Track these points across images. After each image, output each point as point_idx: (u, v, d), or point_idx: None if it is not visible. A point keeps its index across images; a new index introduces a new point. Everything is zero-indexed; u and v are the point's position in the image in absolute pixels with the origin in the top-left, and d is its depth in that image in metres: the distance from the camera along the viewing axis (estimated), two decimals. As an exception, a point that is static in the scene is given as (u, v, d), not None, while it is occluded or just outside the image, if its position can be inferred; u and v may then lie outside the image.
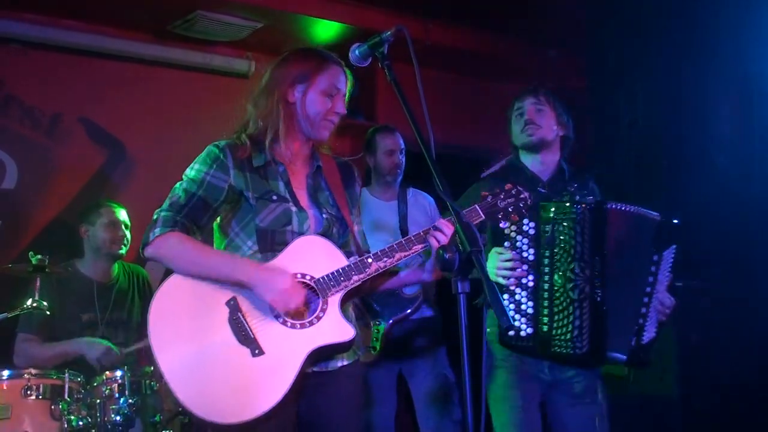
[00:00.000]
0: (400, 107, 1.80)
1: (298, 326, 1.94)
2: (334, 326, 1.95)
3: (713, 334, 3.78)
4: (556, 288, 2.36)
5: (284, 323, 1.94)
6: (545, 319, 2.35)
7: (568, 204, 2.39)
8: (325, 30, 4.12)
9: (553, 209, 2.37)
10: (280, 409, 1.89)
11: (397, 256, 2.00)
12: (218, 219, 2.09)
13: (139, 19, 3.87)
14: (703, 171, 4.03)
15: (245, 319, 1.93)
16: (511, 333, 2.37)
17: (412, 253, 2.01)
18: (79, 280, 3.18)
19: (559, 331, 2.34)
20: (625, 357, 2.40)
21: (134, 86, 3.95)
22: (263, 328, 1.93)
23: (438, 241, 1.96)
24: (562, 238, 2.35)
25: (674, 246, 2.45)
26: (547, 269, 2.36)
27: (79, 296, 3.15)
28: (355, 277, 1.97)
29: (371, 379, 3.23)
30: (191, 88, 4.10)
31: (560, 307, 2.35)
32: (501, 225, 2.36)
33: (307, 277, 1.98)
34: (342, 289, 1.97)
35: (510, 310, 2.36)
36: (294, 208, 2.04)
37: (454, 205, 1.71)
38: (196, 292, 1.95)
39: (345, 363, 2.07)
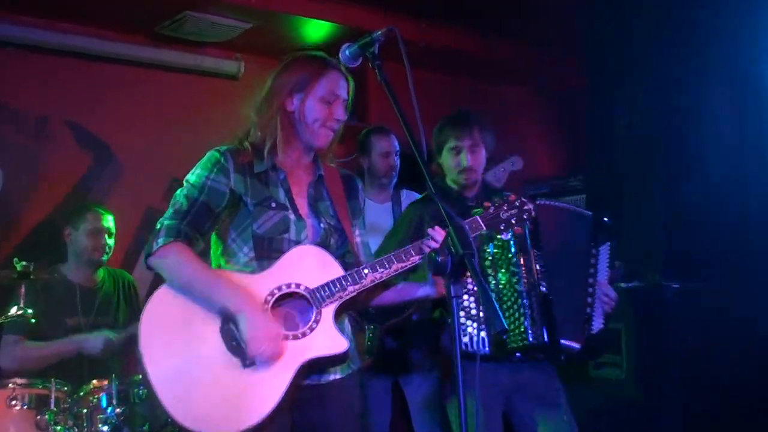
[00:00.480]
0: (392, 108, 1.81)
1: (291, 337, 1.94)
2: (327, 338, 1.95)
3: (713, 335, 3.79)
4: (502, 285, 2.45)
5: None
6: None
7: (497, 202, 2.43)
8: (316, 30, 4.11)
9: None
10: (271, 421, 1.88)
11: (394, 267, 2.00)
12: None
13: (126, 21, 3.84)
14: (703, 171, 4.05)
15: (237, 330, 1.91)
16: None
17: (410, 264, 2.01)
18: (63, 285, 3.17)
19: (512, 326, 2.42)
20: (578, 345, 2.48)
21: (122, 89, 3.93)
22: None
23: None
24: (498, 236, 2.43)
25: (609, 243, 2.59)
26: (489, 269, 2.45)
27: (64, 301, 3.14)
28: (351, 288, 1.97)
29: (366, 386, 3.23)
30: (180, 90, 4.08)
31: (509, 303, 2.43)
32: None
33: (302, 287, 1.97)
34: (336, 300, 1.97)
35: (459, 317, 2.36)
36: (292, 217, 2.04)
37: (446, 208, 1.71)
38: (189, 301, 1.95)
39: (338, 376, 2.06)
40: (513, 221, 2.08)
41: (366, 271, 1.99)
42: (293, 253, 2.00)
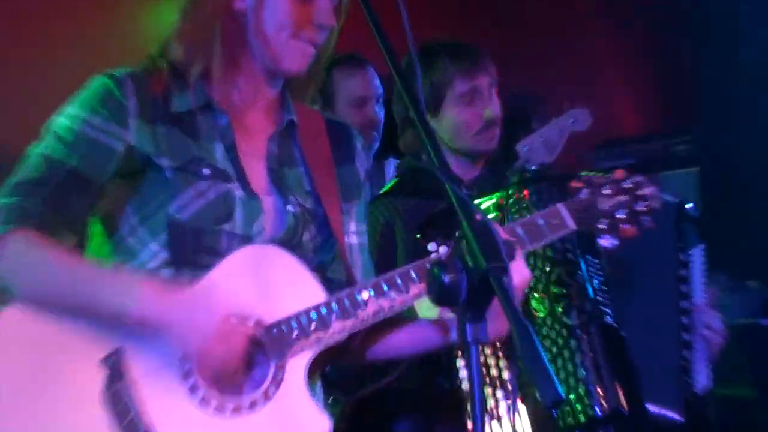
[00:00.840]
0: (369, 27, 1.79)
1: (229, 412, 1.86)
2: (294, 412, 1.89)
3: None
4: (538, 318, 2.41)
5: (204, 403, 1.86)
6: None
7: (513, 189, 2.50)
8: None
9: (497, 203, 2.48)
10: None
11: (414, 290, 1.95)
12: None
13: None
14: None
15: (133, 393, 1.86)
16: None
17: None
18: None
19: (564, 387, 2.37)
20: (678, 416, 2.47)
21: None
22: (165, 411, 1.86)
23: None
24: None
25: (702, 245, 2.62)
26: None
27: None
28: (337, 325, 1.92)
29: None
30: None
31: (556, 348, 2.41)
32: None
33: (252, 322, 1.90)
34: (312, 345, 1.92)
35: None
36: (239, 192, 2.02)
37: (456, 189, 1.65)
38: (48, 341, 1.90)
39: None
40: (622, 216, 2.04)
41: (365, 294, 1.93)
42: (240, 257, 1.95)
